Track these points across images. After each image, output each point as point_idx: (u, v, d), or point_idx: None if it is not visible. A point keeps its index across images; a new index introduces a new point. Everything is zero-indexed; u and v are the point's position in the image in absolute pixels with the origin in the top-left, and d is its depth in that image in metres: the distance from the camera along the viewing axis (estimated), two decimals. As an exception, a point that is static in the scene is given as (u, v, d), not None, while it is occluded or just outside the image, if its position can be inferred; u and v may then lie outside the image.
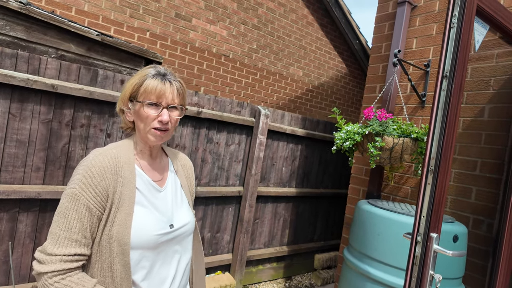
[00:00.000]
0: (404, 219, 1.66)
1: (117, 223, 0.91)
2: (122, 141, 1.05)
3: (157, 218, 0.99)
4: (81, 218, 0.88)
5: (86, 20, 3.34)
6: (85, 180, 0.90)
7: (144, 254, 0.95)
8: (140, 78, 0.99)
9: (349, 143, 1.87)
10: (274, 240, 3.63)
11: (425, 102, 2.27)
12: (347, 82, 5.96)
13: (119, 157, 0.97)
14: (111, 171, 0.93)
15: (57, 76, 2.18)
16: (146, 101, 0.97)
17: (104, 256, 0.91)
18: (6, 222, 2.09)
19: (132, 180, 0.97)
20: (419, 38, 2.35)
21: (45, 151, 2.19)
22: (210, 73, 4.31)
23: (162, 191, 1.05)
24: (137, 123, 1.01)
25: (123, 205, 0.93)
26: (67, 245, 0.86)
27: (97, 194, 0.90)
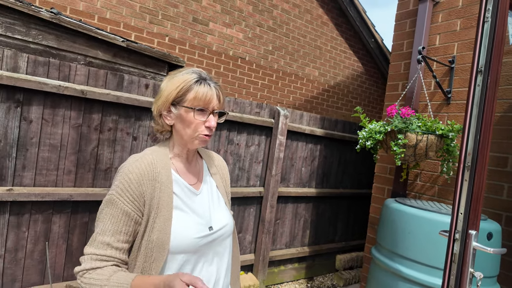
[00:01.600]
0: (436, 217, 1.64)
1: (156, 228, 0.91)
2: (157, 146, 1.05)
3: (196, 221, 0.99)
4: (116, 222, 0.90)
5: (108, 27, 3.44)
6: (122, 186, 0.92)
7: (185, 258, 0.95)
8: (186, 83, 0.98)
9: (371, 142, 1.86)
10: (295, 240, 3.63)
11: (450, 99, 2.23)
12: (363, 81, 5.91)
13: (155, 163, 0.97)
14: (148, 177, 0.94)
15: (85, 82, 2.25)
16: (197, 107, 0.97)
17: (144, 264, 0.92)
18: (41, 224, 2.17)
19: (169, 185, 0.97)
20: (442, 35, 2.32)
21: (76, 154, 2.26)
22: (227, 76, 4.36)
23: (198, 194, 1.05)
24: (179, 128, 1.01)
25: (162, 210, 0.93)
26: (99, 247, 0.89)
27: (135, 199, 0.91)
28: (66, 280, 2.27)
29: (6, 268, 2.07)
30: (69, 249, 2.28)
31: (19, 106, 2.05)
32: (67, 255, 2.27)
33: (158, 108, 1.02)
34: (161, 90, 1.01)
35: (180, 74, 1.01)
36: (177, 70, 1.04)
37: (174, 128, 1.03)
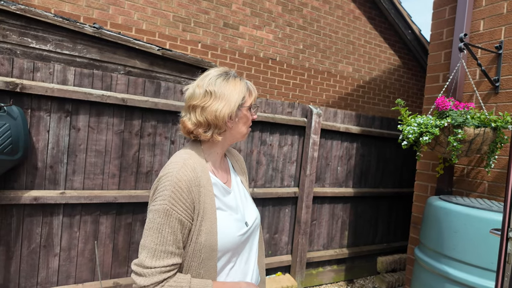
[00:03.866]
0: (485, 214, 1.52)
1: (204, 231, 0.94)
2: (190, 149, 1.04)
3: (236, 219, 1.03)
4: (174, 232, 0.91)
5: (144, 38, 3.63)
6: (174, 195, 0.92)
7: (229, 255, 1.01)
8: (243, 88, 1.04)
9: (428, 137, 1.75)
10: (333, 242, 3.55)
11: (499, 88, 2.06)
12: (401, 74, 5.65)
13: (196, 167, 0.98)
14: (194, 183, 0.96)
15: (126, 91, 2.39)
16: (253, 104, 1.07)
17: (191, 264, 0.95)
18: (90, 224, 2.33)
19: (210, 188, 0.99)
20: (487, 19, 2.15)
21: (119, 159, 2.41)
22: (258, 78, 4.39)
23: (231, 192, 1.08)
24: (236, 127, 1.04)
25: (207, 213, 0.96)
26: (164, 257, 0.90)
27: (187, 207, 0.93)
28: (114, 278, 2.41)
29: (61, 265, 2.25)
30: (115, 249, 2.42)
31: (68, 116, 2.23)
32: (113, 254, 2.42)
33: (228, 114, 1.00)
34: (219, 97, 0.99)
35: (230, 80, 1.03)
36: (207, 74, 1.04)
37: (231, 128, 1.04)
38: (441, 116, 1.77)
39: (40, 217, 2.18)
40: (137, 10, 3.59)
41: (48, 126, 2.17)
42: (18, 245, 2.12)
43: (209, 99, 0.99)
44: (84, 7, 3.33)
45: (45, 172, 2.17)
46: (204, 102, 0.99)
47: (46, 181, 2.18)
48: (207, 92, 0.99)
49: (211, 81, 1.01)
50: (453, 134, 1.67)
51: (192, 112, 1.01)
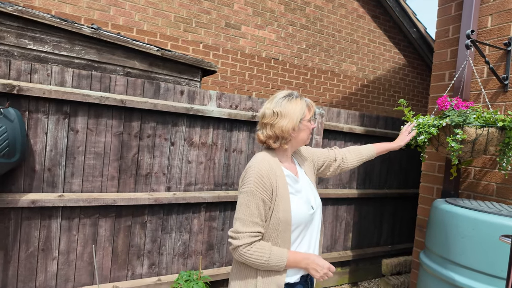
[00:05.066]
0: (494, 219, 1.46)
1: (281, 209, 1.22)
2: (266, 152, 1.34)
3: (304, 201, 1.31)
4: (258, 207, 1.21)
5: (145, 39, 3.60)
6: (257, 180, 1.22)
7: (300, 229, 1.28)
8: (303, 105, 1.31)
9: (424, 137, 1.70)
10: (336, 244, 3.49)
11: (508, 86, 1.99)
12: (405, 73, 5.56)
13: (271, 162, 1.29)
14: (271, 173, 1.25)
15: (125, 92, 2.36)
16: (312, 118, 1.35)
17: (271, 234, 1.22)
18: (89, 227, 2.30)
19: (283, 177, 1.29)
20: (495, 15, 2.08)
21: (118, 161, 2.38)
22: (261, 78, 4.34)
23: (299, 181, 1.37)
24: (299, 136, 1.33)
25: (282, 195, 1.24)
26: (251, 226, 1.19)
27: (267, 189, 1.22)
28: (113, 281, 2.38)
29: (60, 269, 2.22)
30: (115, 252, 2.39)
31: (67, 118, 2.20)
32: (113, 257, 2.39)
33: (292, 128, 1.29)
34: (284, 116, 1.28)
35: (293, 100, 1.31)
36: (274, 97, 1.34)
37: (293, 137, 1.32)
38: (441, 116, 1.71)
39: (38, 220, 2.15)
40: (138, 11, 3.57)
41: (46, 128, 2.14)
42: (16, 248, 2.10)
43: (276, 117, 1.28)
44: (84, 8, 3.31)
45: (43, 174, 2.15)
46: (272, 120, 1.28)
47: (44, 184, 2.16)
48: (274, 113, 1.28)
49: (278, 103, 1.30)
50: (452, 135, 1.61)
51: (264, 128, 1.31)
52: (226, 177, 2.82)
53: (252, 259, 1.18)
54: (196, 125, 2.64)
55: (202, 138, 2.68)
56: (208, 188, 2.73)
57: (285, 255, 1.20)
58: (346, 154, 1.65)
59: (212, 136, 2.73)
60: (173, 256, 2.61)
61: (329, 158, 1.61)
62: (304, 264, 1.22)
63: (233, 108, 2.80)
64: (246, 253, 1.18)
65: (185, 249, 2.65)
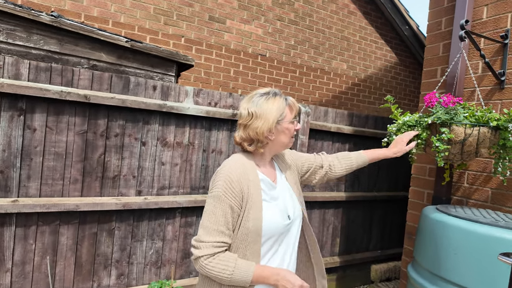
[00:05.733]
0: (490, 231, 1.29)
1: (251, 218, 1.11)
2: (242, 153, 1.24)
3: (279, 209, 1.19)
4: (225, 215, 1.09)
5: (122, 31, 3.39)
6: (226, 185, 1.11)
7: (271, 242, 1.16)
8: (282, 105, 1.19)
9: (418, 147, 1.53)
10: (323, 250, 3.32)
11: (504, 82, 1.83)
12: (397, 72, 5.42)
13: (246, 165, 1.18)
14: (244, 177, 1.14)
15: (90, 87, 2.16)
16: (294, 119, 1.22)
17: (239, 245, 1.11)
18: (48, 235, 2.09)
19: (257, 182, 1.17)
20: (490, 5, 1.92)
21: (82, 162, 2.17)
22: (247, 75, 4.15)
23: (276, 187, 1.25)
24: (279, 138, 1.21)
25: (254, 203, 1.13)
26: (216, 235, 1.08)
27: (236, 195, 1.11)
28: (76, 294, 2.18)
29: (14, 282, 2.01)
30: (78, 262, 2.19)
31: (22, 114, 1.99)
32: (76, 267, 2.18)
33: (267, 131, 1.16)
34: (259, 117, 1.15)
35: (270, 99, 1.18)
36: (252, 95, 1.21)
37: (270, 140, 1.20)
38: (428, 114, 1.54)
39: (-12, 228, 1.94)
40: (114, 1, 3.35)
41: (-3, 126, 1.93)
42: (-38, 260, 1.88)
43: (250, 118, 1.16)
44: (55, -2, 3.09)
45: (-6, 177, 1.94)
46: (247, 121, 1.17)
47: (-5, 187, 1.95)
48: (249, 113, 1.17)
49: (254, 102, 1.18)
50: (438, 134, 1.44)
51: (240, 129, 1.21)
52: (204, 179, 2.63)
53: (214, 272, 1.07)
54: (171, 123, 2.44)
55: (177, 137, 2.48)
56: (183, 192, 2.54)
57: (251, 269, 1.08)
58: (334, 161, 1.48)
59: (189, 135, 2.53)
60: (145, 265, 2.41)
61: (315, 164, 1.44)
62: (273, 281, 1.10)
63: (212, 106, 2.60)
64: (207, 265, 1.07)
65: (158, 257, 2.45)
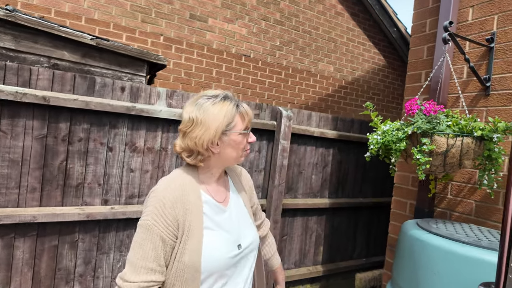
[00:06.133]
0: (472, 252, 1.18)
1: (188, 250, 0.94)
2: (184, 168, 1.05)
3: (226, 239, 1.01)
4: (155, 248, 0.92)
5: (96, 29, 3.21)
6: (156, 211, 0.93)
7: (214, 278, 0.97)
8: (231, 112, 1.00)
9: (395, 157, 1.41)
10: (306, 258, 3.20)
11: (490, 89, 1.73)
12: (385, 75, 5.34)
13: (185, 185, 0.99)
14: (181, 200, 0.96)
15: (50, 87, 1.99)
16: (247, 130, 1.04)
17: (174, 283, 0.94)
18: (1, 249, 1.92)
19: (199, 206, 0.99)
20: (476, 7, 1.82)
21: (41, 169, 2.00)
22: (230, 76, 4.01)
23: (227, 211, 1.06)
24: (227, 151, 1.02)
25: (193, 232, 0.95)
26: (144, 273, 0.91)
27: (170, 224, 0.94)
28: (33, 312, 2.00)
29: (-40, 301, 1.83)
30: (36, 277, 2.01)
31: (-29, 117, 1.81)
32: (33, 283, 2.01)
33: (207, 142, 0.98)
34: (200, 124, 0.98)
35: (217, 103, 1.00)
36: (199, 97, 1.03)
37: (217, 153, 1.02)
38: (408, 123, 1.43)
39: None
40: (88, -3, 3.17)
41: None
42: None
43: (190, 125, 0.99)
44: (23, -8, 2.90)
45: None
46: (186, 128, 1.00)
47: None
48: (190, 118, 0.99)
49: (199, 105, 1.00)
50: (419, 145, 1.32)
51: (180, 136, 1.03)
52: (177, 187, 2.48)
53: None
54: (141, 127, 2.29)
55: (148, 142, 2.32)
56: (155, 200, 2.38)
57: None
58: (267, 238, 1.31)
59: (161, 140, 2.37)
60: (112, 279, 2.25)
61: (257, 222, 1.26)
62: None
63: (186, 109, 2.45)
64: None
65: (126, 271, 2.29)
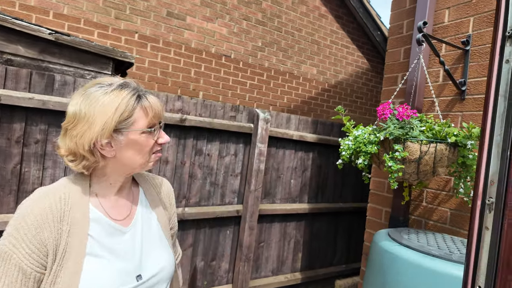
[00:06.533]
0: (442, 267, 1.10)
1: (60, 284, 0.73)
2: (72, 176, 0.84)
3: (118, 269, 0.79)
4: (12, 283, 0.71)
5: (66, 24, 3.05)
6: (17, 233, 0.72)
7: None
8: (127, 102, 0.78)
9: (363, 159, 1.33)
10: (284, 266, 3.10)
11: (465, 93, 1.67)
12: (369, 78, 5.32)
13: (67, 198, 0.78)
14: (53, 219, 0.75)
15: (2, 85, 1.83)
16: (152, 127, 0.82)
17: None
18: None
19: (84, 225, 0.78)
20: (452, 8, 1.76)
21: (-9, 174, 1.84)
22: (210, 76, 3.89)
23: (127, 232, 0.85)
24: (128, 155, 0.80)
25: (69, 260, 0.74)
26: None
27: (33, 251, 0.72)
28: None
29: None
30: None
31: None
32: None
33: (89, 141, 0.77)
34: (83, 118, 0.76)
35: (110, 92, 0.78)
36: (91, 85, 0.82)
37: (113, 157, 0.81)
38: (380, 128, 1.35)
39: None
40: (57, -10, 3.01)
41: None
42: None
43: (73, 119, 0.78)
44: (-16, -17, 2.72)
45: None
46: (67, 123, 0.79)
47: None
48: (74, 112, 0.78)
49: (86, 95, 0.78)
50: (391, 151, 1.25)
51: (61, 135, 0.82)
52: (146, 192, 2.34)
53: None
54: (105, 129, 2.15)
55: (113, 145, 2.19)
56: (121, 206, 2.24)
57: None
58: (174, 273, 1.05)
59: (128, 142, 2.24)
60: None
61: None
62: None
63: (156, 110, 2.33)
64: None
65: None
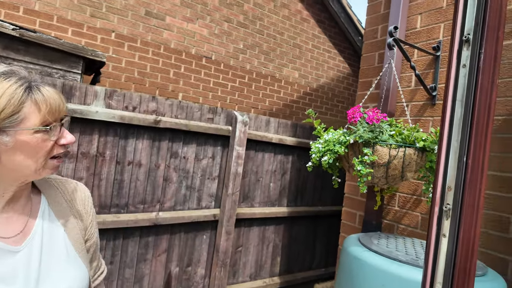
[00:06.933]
0: (409, 273, 1.09)
1: None
2: None
3: None
4: None
5: (37, 21, 2.93)
6: None
7: None
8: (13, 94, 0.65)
9: (328, 157, 1.32)
10: (262, 270, 3.06)
11: (436, 98, 1.69)
12: (350, 83, 5.38)
13: None
14: None
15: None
16: (48, 125, 0.69)
17: None
18: None
19: None
20: (424, 14, 1.79)
21: None
22: (190, 77, 3.83)
23: (19, 251, 0.72)
24: (12, 160, 0.68)
25: None
26: None
27: None
28: None
29: None
30: None
31: None
32: None
33: None
34: None
35: None
36: None
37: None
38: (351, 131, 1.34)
39: None
40: (28, -15, 2.90)
41: None
42: None
43: None
44: None
45: None
46: None
47: None
48: None
49: None
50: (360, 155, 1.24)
51: None
52: (117, 196, 2.26)
53: None
54: (73, 130, 2.06)
55: (82, 147, 2.10)
56: (90, 211, 2.15)
57: None
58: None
59: (98, 144, 2.16)
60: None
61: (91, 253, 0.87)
62: None
63: (129, 110, 2.26)
64: None
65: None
